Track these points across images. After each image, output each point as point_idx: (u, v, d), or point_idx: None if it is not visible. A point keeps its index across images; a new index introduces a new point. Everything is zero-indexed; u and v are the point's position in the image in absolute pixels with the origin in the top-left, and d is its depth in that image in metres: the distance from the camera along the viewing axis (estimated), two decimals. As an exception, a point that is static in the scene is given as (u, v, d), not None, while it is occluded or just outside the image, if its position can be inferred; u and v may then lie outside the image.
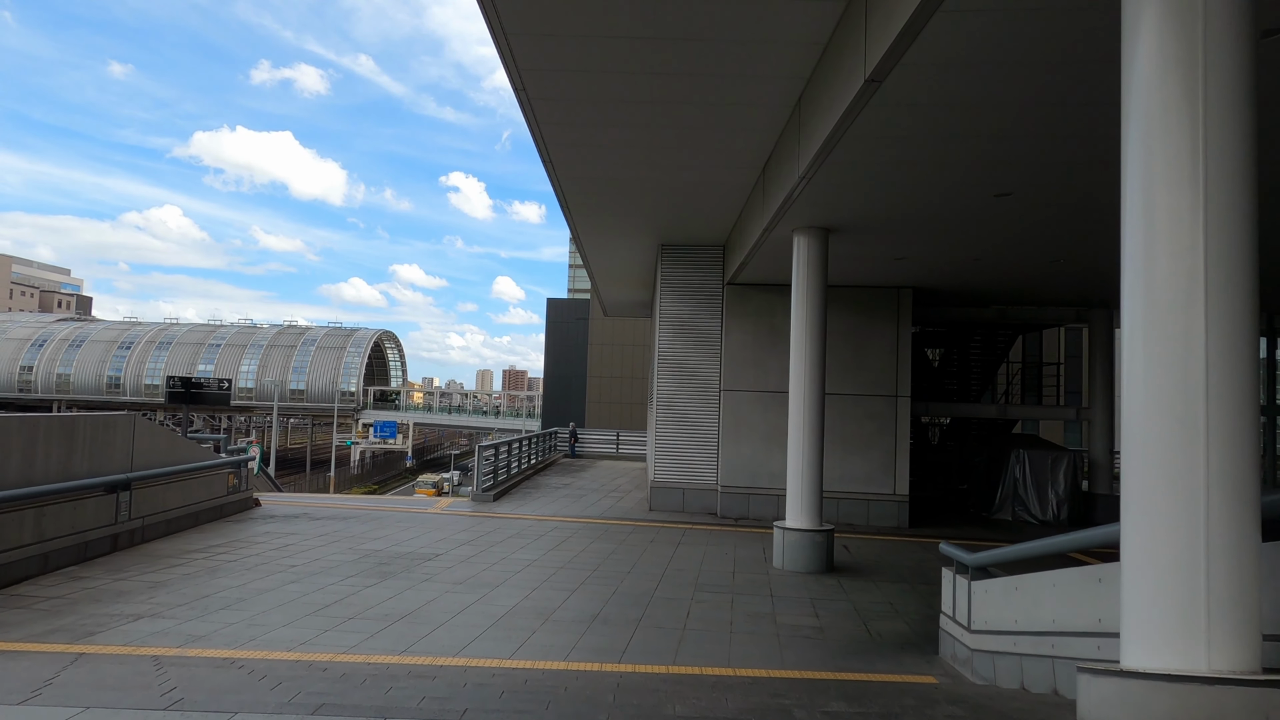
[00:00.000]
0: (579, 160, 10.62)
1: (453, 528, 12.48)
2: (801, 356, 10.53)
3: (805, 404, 10.45)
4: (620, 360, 55.36)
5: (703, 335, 15.46)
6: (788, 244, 11.03)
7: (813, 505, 10.33)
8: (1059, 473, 15.86)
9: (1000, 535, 14.07)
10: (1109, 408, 16.95)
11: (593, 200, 12.59)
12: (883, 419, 14.69)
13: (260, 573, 8.83)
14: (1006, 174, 7.96)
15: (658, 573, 9.71)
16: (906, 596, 8.95)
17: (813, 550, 10.09)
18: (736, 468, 14.84)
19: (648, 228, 14.44)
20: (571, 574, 9.44)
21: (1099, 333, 17.05)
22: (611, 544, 11.65)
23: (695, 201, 12.37)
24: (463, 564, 9.78)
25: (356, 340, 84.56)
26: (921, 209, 9.31)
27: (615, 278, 20.37)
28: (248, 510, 13.33)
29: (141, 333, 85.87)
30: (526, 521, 13.47)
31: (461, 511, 14.36)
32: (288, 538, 11.08)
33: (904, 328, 14.84)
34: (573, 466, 24.55)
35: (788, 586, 9.21)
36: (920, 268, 13.20)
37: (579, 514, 14.57)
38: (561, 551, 10.88)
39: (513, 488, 17.95)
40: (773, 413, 14.79)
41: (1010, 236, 10.53)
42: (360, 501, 15.39)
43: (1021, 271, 13.27)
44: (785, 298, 15.06)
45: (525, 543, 11.44)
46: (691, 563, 10.42)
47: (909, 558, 11.44)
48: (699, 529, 13.32)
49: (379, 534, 11.67)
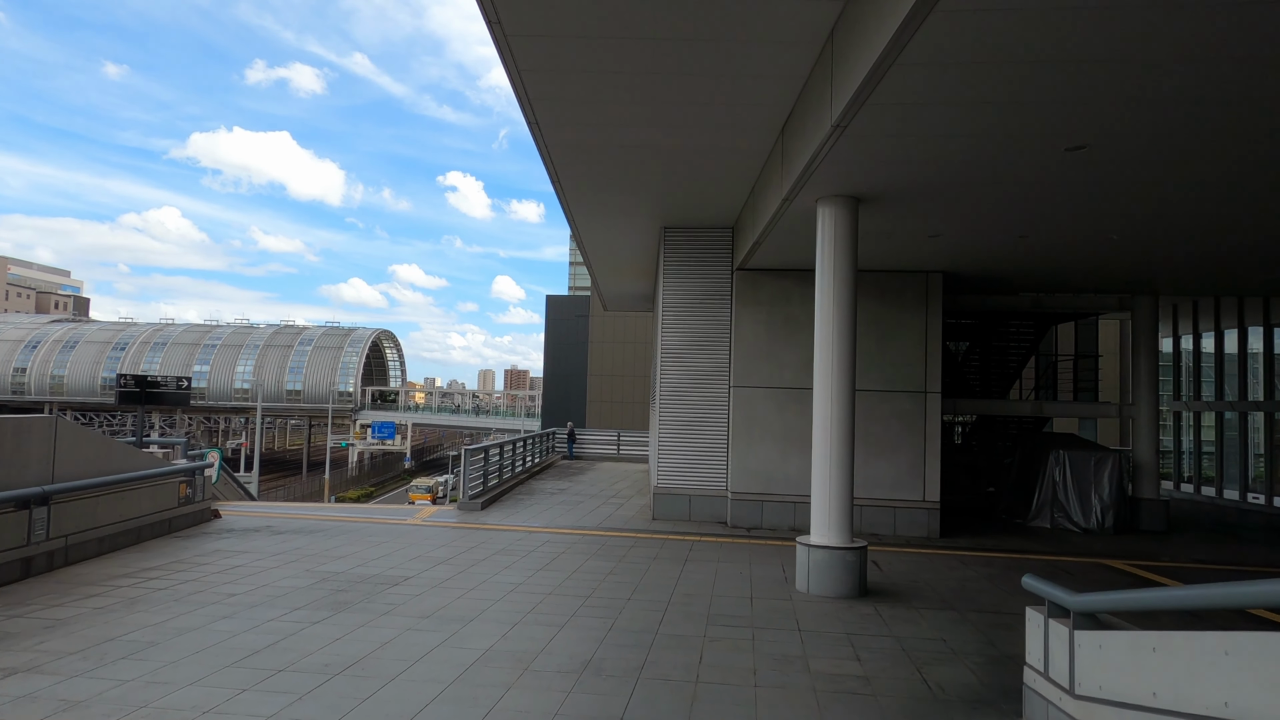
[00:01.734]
0: (570, 120, 9.19)
1: (431, 543, 11.07)
2: (828, 346, 9.08)
3: (833, 401, 9.01)
4: (622, 358, 53.92)
5: (710, 326, 14.03)
6: (809, 219, 9.61)
7: (842, 518, 8.90)
8: (1103, 475, 14.40)
9: (1044, 546, 12.63)
10: (1153, 404, 15.47)
11: (587, 171, 11.15)
12: (910, 417, 13.25)
13: (190, 605, 7.41)
14: (1087, 118, 6.52)
15: (662, 599, 8.29)
16: (960, 630, 7.51)
17: (843, 571, 8.66)
18: (748, 472, 13.41)
19: (649, 206, 13.01)
20: (561, 602, 8.02)
21: (1143, 322, 15.56)
22: (609, 561, 10.23)
23: (702, 172, 10.93)
24: (435, 590, 8.36)
25: (354, 340, 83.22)
26: (974, 168, 7.86)
27: (614, 267, 18.92)
28: (204, 524, 11.93)
29: (136, 333, 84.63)
30: (515, 534, 12.05)
31: (444, 523, 12.94)
32: (239, 557, 9.67)
33: (933, 317, 13.39)
34: (570, 469, 23.13)
35: (817, 617, 7.78)
36: (955, 249, 11.75)
37: (574, 524, 13.15)
38: (552, 572, 9.46)
39: (504, 494, 16.53)
40: (789, 411, 13.37)
41: (1072, 206, 9.08)
42: (334, 511, 13.99)
43: (1070, 253, 11.82)
44: (802, 284, 13.69)
45: (511, 561, 10.02)
46: (701, 585, 9.00)
47: (949, 576, 10.00)
48: (708, 541, 11.90)
49: (346, 551, 10.26)
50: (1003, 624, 7.74)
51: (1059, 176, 7.96)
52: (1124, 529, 14.42)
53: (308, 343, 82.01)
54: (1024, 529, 14.38)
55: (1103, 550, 12.48)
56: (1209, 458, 21.48)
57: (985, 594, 9.07)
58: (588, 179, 11.49)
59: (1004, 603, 8.66)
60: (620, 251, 16.89)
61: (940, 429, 13.35)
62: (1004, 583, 9.71)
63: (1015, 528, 14.52)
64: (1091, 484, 14.41)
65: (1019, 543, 12.90)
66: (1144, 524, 14.84)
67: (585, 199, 12.67)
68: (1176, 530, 14.97)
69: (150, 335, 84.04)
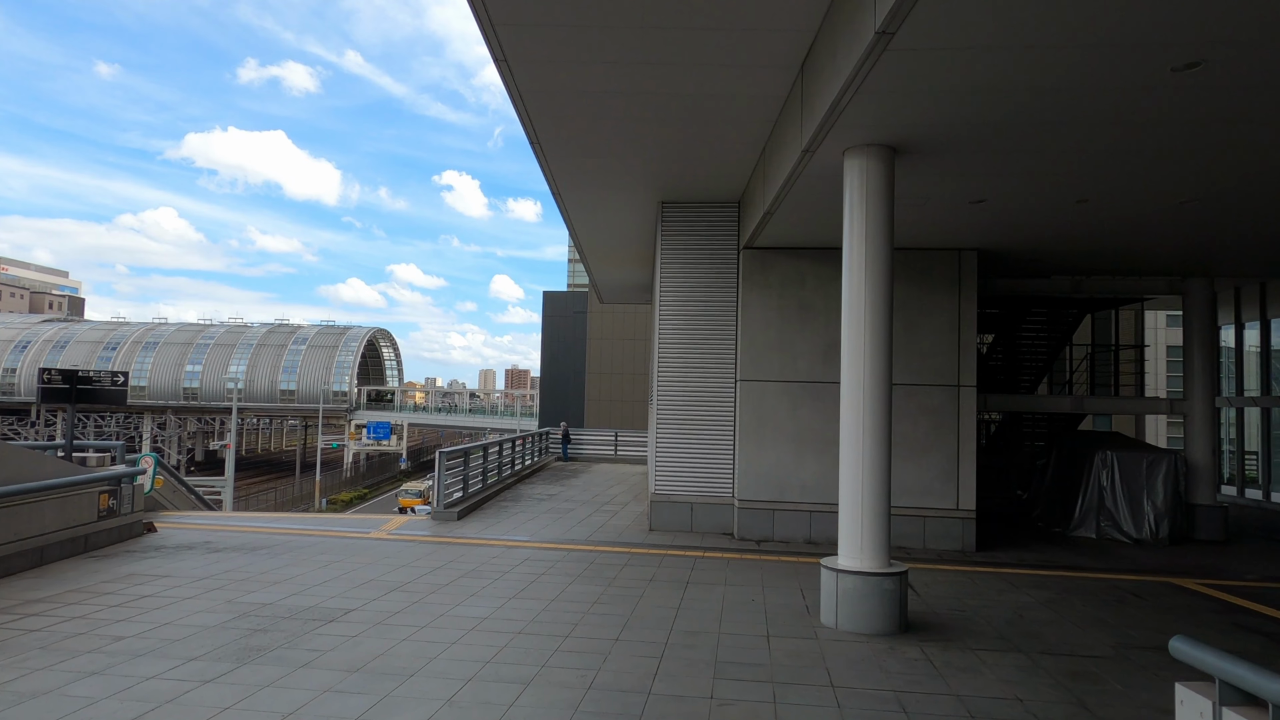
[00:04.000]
0: (544, 57, 7.60)
1: (390, 562, 9.50)
2: (859, 331, 7.48)
3: (866, 395, 7.42)
4: (621, 356, 52.31)
5: (714, 313, 12.44)
6: (830, 182, 8.04)
7: (877, 537, 7.32)
8: (1157, 479, 12.79)
9: (1097, 561, 11.04)
10: (1209, 398, 13.86)
11: (570, 129, 9.56)
12: (941, 415, 11.65)
13: (57, 654, 5.84)
14: (1212, 20, 4.93)
15: (658, 639, 6.70)
16: (1036, 684, 5.92)
17: (880, 602, 7.07)
18: (758, 477, 11.83)
19: (644, 176, 11.41)
20: (532, 646, 6.44)
21: (1197, 308, 13.94)
22: (597, 585, 8.65)
23: (705, 129, 9.34)
24: (377, 629, 6.78)
25: (349, 338, 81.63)
26: (1050, 98, 6.26)
27: (609, 251, 17.32)
28: (132, 539, 10.36)
29: (128, 333, 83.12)
30: (491, 551, 10.47)
31: (413, 536, 11.37)
32: (153, 584, 8.10)
33: (967, 300, 11.79)
34: (564, 471, 21.54)
35: (853, 666, 6.19)
36: (997, 219, 10.16)
37: (560, 537, 11.57)
38: (526, 601, 7.87)
39: (486, 501, 14.95)
40: (803, 408, 11.78)
41: (1155, 155, 7.47)
42: (290, 524, 12.41)
43: (1130, 224, 10.20)
44: (818, 264, 12.10)
45: (480, 586, 8.44)
46: (706, 617, 7.42)
47: (999, 603, 8.41)
48: (712, 557, 10.32)
49: (287, 574, 8.69)
50: (1085, 674, 6.15)
51: (1153, 109, 6.36)
52: (1180, 539, 12.83)
53: (302, 341, 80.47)
54: (1066, 539, 12.78)
55: (1163, 566, 10.88)
56: (1251, 457, 19.84)
57: (1050, 628, 7.48)
58: (572, 140, 9.90)
59: (1077, 641, 7.07)
60: (614, 233, 15.29)
61: (975, 427, 11.76)
62: (1066, 611, 8.12)
63: (1055, 538, 12.92)
64: (1144, 488, 12.80)
65: (1067, 557, 11.31)
66: (1200, 533, 13.23)
67: (571, 167, 11.08)
68: (1235, 540, 13.37)
69: (142, 335, 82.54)
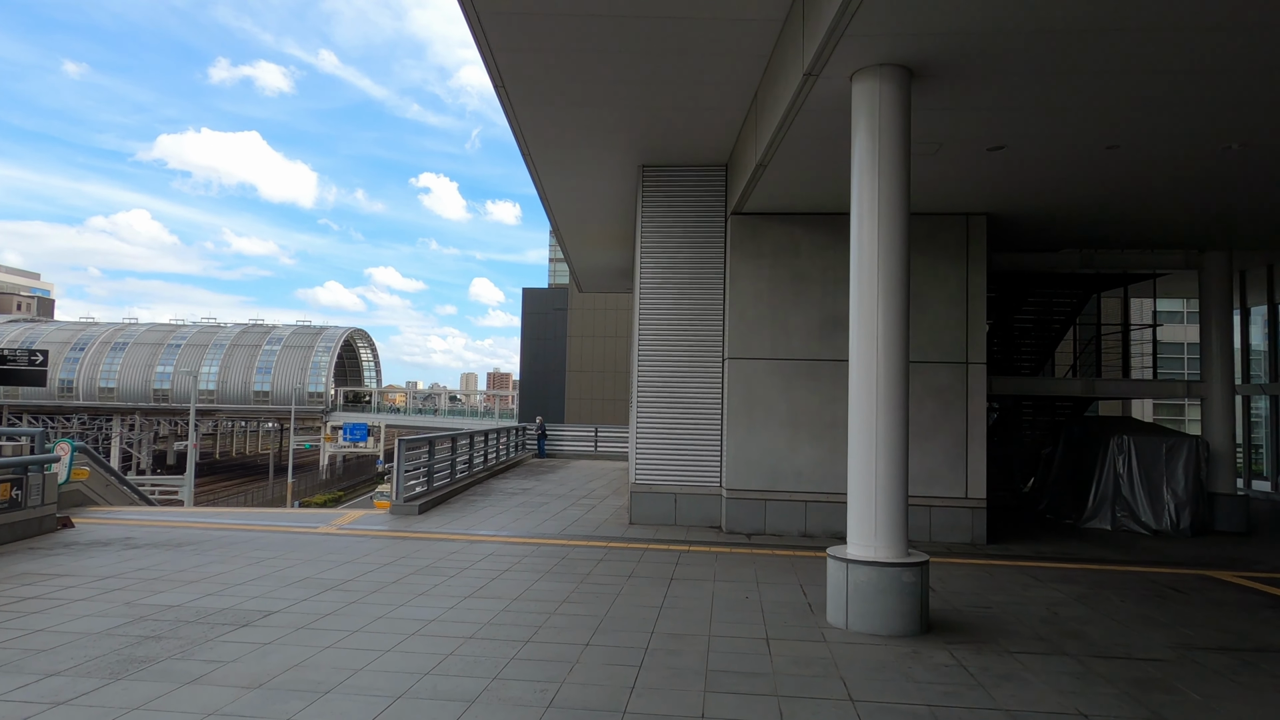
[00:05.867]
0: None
1: (333, 559, 8.33)
2: (872, 294, 6.39)
3: (881, 359, 6.34)
4: (602, 353, 51.20)
5: (699, 285, 11.37)
6: (836, 116, 7.00)
7: (895, 522, 6.23)
8: (1177, 465, 11.85)
9: (1119, 554, 10.06)
10: (1228, 381, 12.96)
11: (540, 67, 8.45)
12: (949, 395, 10.64)
13: (-120, 671, 4.65)
14: None
15: (637, 644, 5.60)
16: (1095, 692, 4.87)
17: (899, 598, 6.00)
18: (748, 465, 10.75)
19: (623, 130, 10.30)
20: (483, 653, 5.31)
21: (1214, 284, 13.04)
22: (568, 582, 7.54)
23: (691, 63, 8.26)
24: (296, 635, 5.63)
25: (326, 338, 79.82)
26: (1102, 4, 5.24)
27: (586, 227, 16.19)
28: (41, 535, 9.12)
29: (97, 333, 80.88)
30: (452, 545, 9.33)
31: (367, 530, 10.19)
32: (45, 584, 6.90)
33: (976, 269, 10.79)
34: (540, 467, 20.37)
35: (873, 674, 5.11)
36: (1011, 175, 9.17)
37: (530, 532, 10.44)
38: (483, 601, 6.74)
39: (453, 495, 13.77)
40: (797, 388, 10.73)
41: (1203, 79, 6.48)
42: (232, 519, 11.19)
43: (1161, 175, 9.23)
44: (813, 230, 11.06)
45: (433, 584, 7.29)
46: (694, 618, 6.32)
47: (1026, 599, 7.39)
48: (698, 551, 9.24)
49: (205, 573, 7.50)
50: (1151, 681, 5.12)
51: (1207, 33, 5.36)
52: (1201, 530, 11.89)
53: (276, 342, 78.61)
54: (1079, 532, 11.81)
55: (1192, 558, 9.93)
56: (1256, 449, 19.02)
57: (1092, 627, 6.45)
58: (542, 80, 8.79)
59: (1127, 641, 6.05)
60: (592, 204, 14.18)
61: (985, 409, 10.76)
62: (1104, 607, 7.11)
63: (1067, 530, 11.95)
64: (1163, 476, 11.86)
65: (1087, 549, 10.32)
66: (1220, 524, 12.30)
67: (540, 118, 9.96)
68: (1258, 532, 12.46)
69: (111, 335, 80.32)
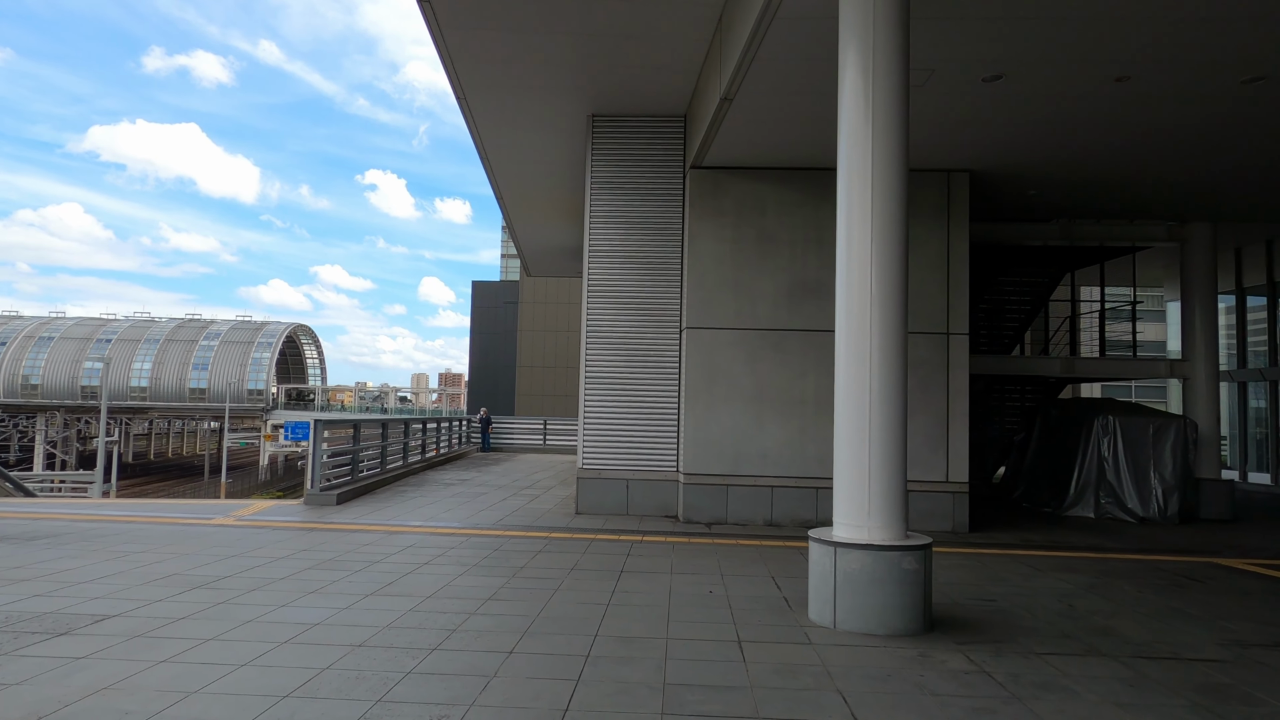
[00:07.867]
0: None
1: (215, 553, 6.94)
2: (865, 247, 5.26)
3: (876, 310, 5.22)
4: (554, 348, 49.80)
5: (654, 247, 10.21)
6: (815, 40, 5.91)
7: (892, 498, 5.11)
8: (1164, 448, 11.07)
9: (1113, 541, 9.18)
10: (1213, 360, 12.27)
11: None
12: (929, 368, 9.66)
13: None
14: None
15: (576, 651, 4.40)
16: (1161, 704, 3.82)
17: (899, 589, 4.88)
18: (708, 446, 9.62)
19: (570, 70, 9.08)
20: (371, 666, 4.05)
21: (1197, 257, 12.32)
22: (497, 576, 6.29)
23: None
24: (127, 645, 4.29)
25: (267, 334, 76.70)
26: None
27: (531, 196, 14.90)
28: None
29: (20, 327, 76.53)
30: (366, 537, 8.00)
31: (269, 522, 8.80)
32: None
33: (958, 231, 9.84)
34: (484, 460, 18.99)
35: (878, 685, 3.99)
36: (1003, 117, 8.20)
37: (463, 522, 9.15)
38: (388, 599, 5.46)
39: (380, 486, 12.36)
40: (764, 360, 9.64)
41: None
42: (117, 510, 9.68)
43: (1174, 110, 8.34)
44: (782, 187, 9.97)
45: (329, 581, 5.98)
46: (649, 618, 5.14)
47: (1031, 588, 6.38)
48: (653, 541, 8.07)
49: (45, 570, 6.07)
50: (1220, 688, 4.09)
51: None
52: (1188, 517, 11.14)
53: (214, 337, 75.33)
54: (1061, 519, 10.95)
55: (1190, 545, 9.10)
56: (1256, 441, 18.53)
57: (1120, 622, 5.44)
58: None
59: (1169, 638, 5.04)
60: (537, 164, 12.89)
61: (967, 383, 9.81)
62: (1121, 598, 6.13)
63: (1047, 518, 11.08)
64: (1150, 459, 11.07)
65: (1076, 537, 9.43)
66: (1205, 510, 11.57)
67: (475, 46, 8.68)
68: (1242, 518, 11.77)
69: (35, 329, 76.10)
